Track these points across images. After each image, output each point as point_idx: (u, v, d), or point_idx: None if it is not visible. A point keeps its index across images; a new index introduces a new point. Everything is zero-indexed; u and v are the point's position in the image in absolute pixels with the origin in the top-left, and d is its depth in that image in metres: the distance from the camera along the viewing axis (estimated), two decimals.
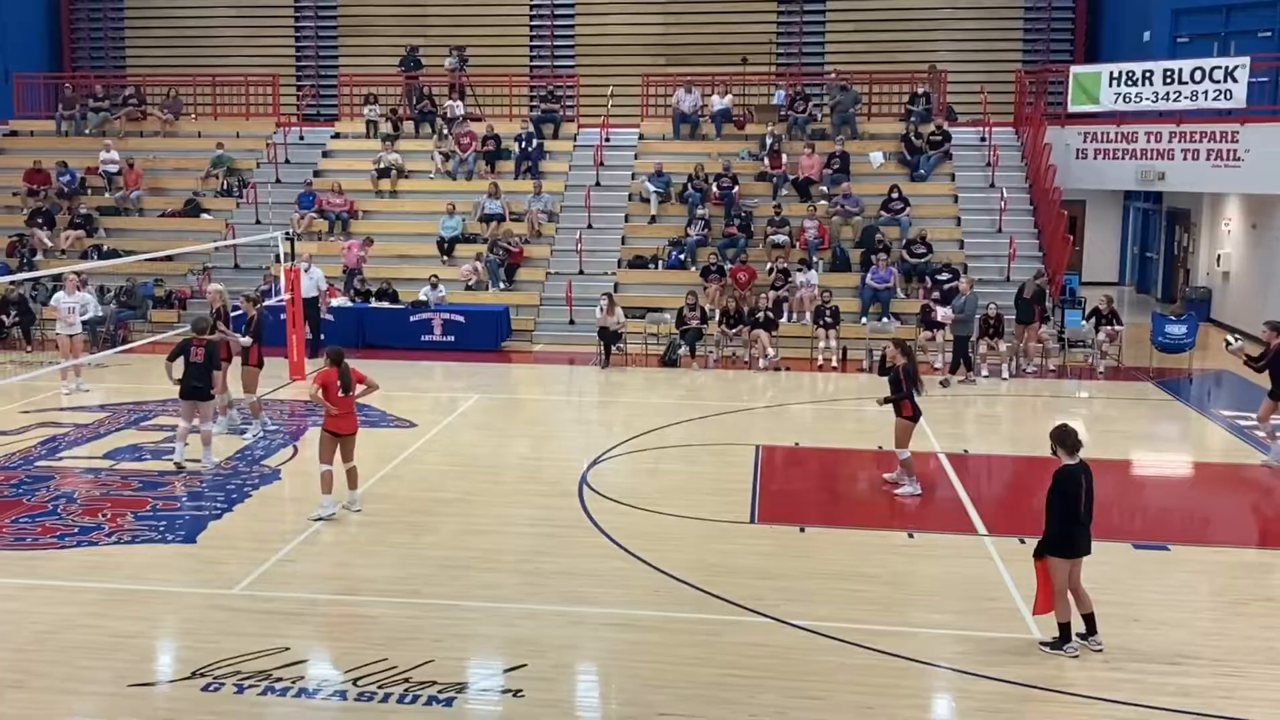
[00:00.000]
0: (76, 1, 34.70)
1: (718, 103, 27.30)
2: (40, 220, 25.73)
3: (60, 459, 14.35)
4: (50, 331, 19.90)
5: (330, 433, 12.16)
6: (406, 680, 8.42)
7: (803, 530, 11.86)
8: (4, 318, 22.13)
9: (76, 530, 11.65)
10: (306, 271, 20.89)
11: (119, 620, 9.51)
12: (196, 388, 13.55)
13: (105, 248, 25.16)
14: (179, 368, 13.58)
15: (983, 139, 26.41)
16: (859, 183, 25.12)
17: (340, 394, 12.06)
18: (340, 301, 22.85)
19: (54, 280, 22.49)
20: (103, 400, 17.75)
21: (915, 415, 13.07)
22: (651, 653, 8.97)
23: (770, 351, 20.62)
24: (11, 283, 21.89)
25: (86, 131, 28.87)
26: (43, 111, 30.32)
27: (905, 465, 13.15)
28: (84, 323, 20.83)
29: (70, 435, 15.50)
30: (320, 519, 12.07)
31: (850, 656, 8.91)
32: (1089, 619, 9.10)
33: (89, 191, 27.23)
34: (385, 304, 22.91)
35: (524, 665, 8.70)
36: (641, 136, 27.64)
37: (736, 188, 24.96)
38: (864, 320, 21.90)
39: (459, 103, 28.23)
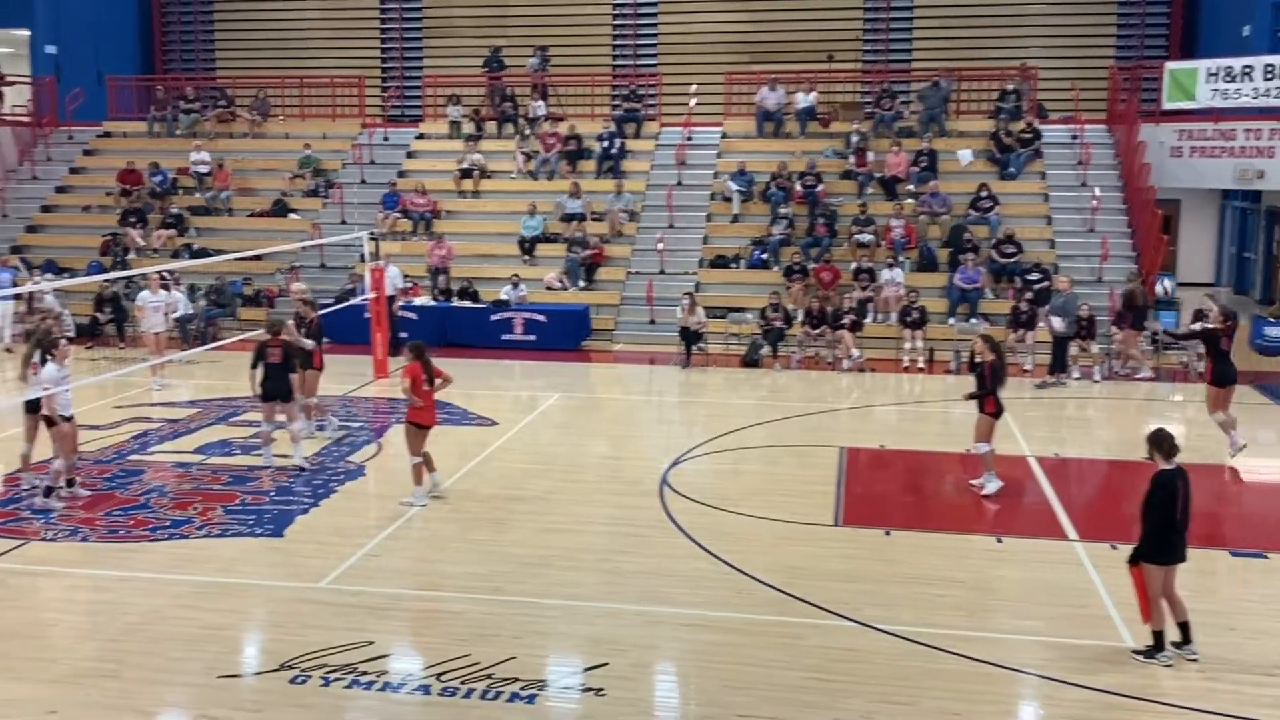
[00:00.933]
0: (168, 5, 35.45)
1: (802, 100, 27.07)
2: (133, 220, 26.30)
3: (152, 453, 14.63)
4: (140, 328, 20.42)
5: (416, 425, 12.42)
6: (489, 676, 8.43)
7: (888, 534, 11.69)
8: (99, 315, 22.66)
9: (168, 523, 11.86)
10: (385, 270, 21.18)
11: (209, 612, 9.65)
12: (276, 389, 13.70)
13: (196, 247, 25.65)
14: (260, 373, 13.74)
15: (1074, 137, 25.89)
16: (947, 181, 24.74)
17: (425, 386, 12.36)
18: (423, 300, 23.06)
19: (144, 279, 22.99)
20: (193, 396, 18.09)
21: (998, 412, 12.96)
22: (733, 654, 8.88)
23: (855, 352, 20.38)
24: (106, 281, 22.41)
25: (177, 133, 29.48)
26: (135, 113, 31.00)
27: (985, 460, 13.01)
28: (175, 320, 21.31)
29: (161, 430, 15.80)
30: (413, 505, 12.31)
31: (936, 662, 8.75)
32: (1184, 627, 8.84)
33: (180, 191, 27.76)
34: (467, 303, 23.07)
35: (605, 664, 8.66)
36: (724, 135, 27.50)
37: (821, 186, 24.71)
38: (951, 321, 21.56)
39: (541, 103, 28.34)
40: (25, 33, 32.82)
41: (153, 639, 9.08)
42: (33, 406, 12.54)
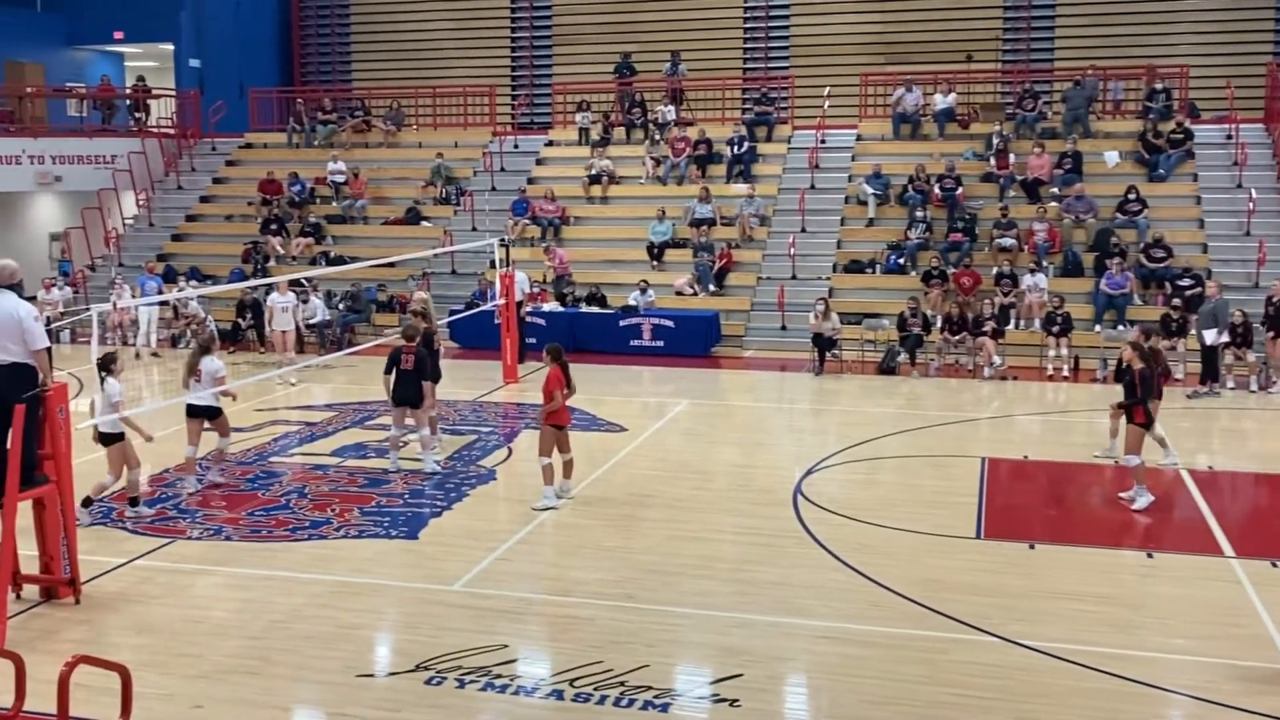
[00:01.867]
0: (306, 20, 36.39)
1: (940, 101, 26.55)
2: (273, 228, 26.96)
3: (291, 455, 14.92)
4: (271, 327, 21.52)
5: (555, 426, 12.50)
6: (622, 684, 8.32)
7: (1032, 547, 11.30)
8: (240, 321, 23.29)
9: (307, 524, 12.05)
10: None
11: (346, 612, 9.75)
12: (407, 395, 13.83)
13: (332, 254, 26.18)
14: (392, 378, 13.88)
15: (1229, 136, 24.83)
16: (1092, 183, 23.94)
17: (565, 390, 12.53)
18: (551, 306, 23.17)
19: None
20: (329, 400, 18.43)
21: (1148, 422, 12.50)
22: (871, 668, 8.63)
23: (996, 360, 19.82)
24: (247, 288, 23.03)
25: (315, 143, 30.16)
26: (275, 124, 31.84)
27: (1135, 473, 12.51)
28: (310, 326, 21.90)
29: (300, 433, 16.11)
30: (544, 509, 12.30)
31: (1084, 680, 8.39)
32: None
33: (318, 200, 28.40)
34: (595, 309, 23.10)
35: (739, 675, 8.48)
36: (859, 137, 27.13)
37: (960, 189, 24.17)
38: (1098, 328, 20.84)
39: (671, 107, 28.28)
40: (170, 47, 34.10)
41: (293, 637, 9.21)
42: (193, 411, 13.15)
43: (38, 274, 26.69)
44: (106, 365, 11.98)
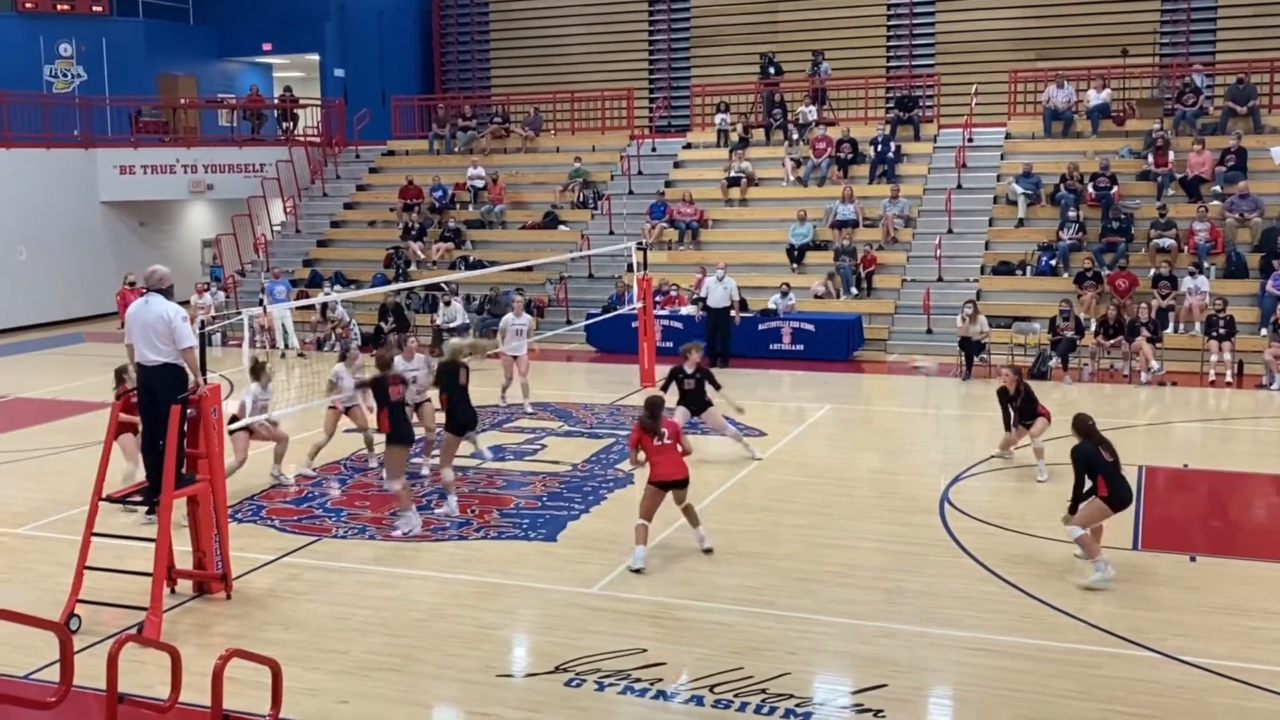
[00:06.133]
0: (447, 29, 37.06)
1: (1094, 97, 25.68)
2: (414, 233, 27.46)
3: (433, 457, 15.04)
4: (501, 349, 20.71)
5: (654, 484, 11.01)
6: (763, 691, 8.19)
7: (1193, 560, 10.81)
8: (382, 325, 23.70)
9: (449, 525, 12.15)
10: (720, 281, 21.28)
11: (486, 612, 9.81)
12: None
13: (471, 258, 26.51)
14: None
15: None
16: (1258, 180, 22.87)
17: (657, 442, 11.01)
18: (689, 310, 23.04)
19: (426, 289, 23.93)
20: None
21: None
22: (1022, 682, 8.33)
23: (1153, 364, 19.02)
24: (394, 292, 23.43)
25: (456, 149, 30.61)
26: (416, 132, 32.50)
27: None
28: (451, 329, 22.13)
29: (441, 435, 16.24)
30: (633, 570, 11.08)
31: (1248, 699, 8.02)
32: None
33: (457, 205, 28.80)
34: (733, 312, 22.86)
35: (884, 685, 8.28)
36: (1008, 136, 26.45)
37: (1115, 188, 23.31)
38: (1264, 332, 19.82)
39: (812, 108, 27.94)
40: (316, 58, 35.12)
41: (434, 635, 9.29)
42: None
43: (191, 279, 27.69)
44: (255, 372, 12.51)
